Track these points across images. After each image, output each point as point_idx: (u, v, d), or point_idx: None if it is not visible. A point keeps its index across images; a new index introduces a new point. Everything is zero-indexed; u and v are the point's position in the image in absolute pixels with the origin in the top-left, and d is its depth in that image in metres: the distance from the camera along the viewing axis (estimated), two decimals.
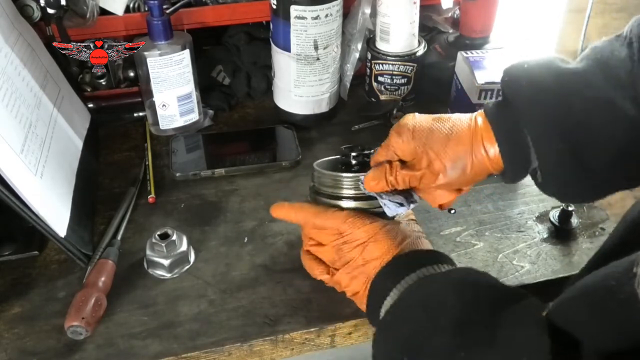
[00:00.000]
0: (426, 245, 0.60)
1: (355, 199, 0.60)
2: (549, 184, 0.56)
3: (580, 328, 0.42)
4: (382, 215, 0.60)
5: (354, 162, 0.63)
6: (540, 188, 0.58)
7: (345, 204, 0.61)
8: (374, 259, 0.57)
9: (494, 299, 0.49)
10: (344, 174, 0.61)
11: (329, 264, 0.61)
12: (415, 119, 0.60)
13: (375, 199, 0.60)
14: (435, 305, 0.49)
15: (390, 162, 0.59)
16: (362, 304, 0.59)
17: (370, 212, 0.60)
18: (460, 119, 0.58)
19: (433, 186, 0.59)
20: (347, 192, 0.61)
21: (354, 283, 0.59)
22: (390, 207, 0.59)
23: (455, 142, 0.57)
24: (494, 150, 0.56)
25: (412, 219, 0.63)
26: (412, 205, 0.60)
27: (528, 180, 0.81)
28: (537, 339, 0.43)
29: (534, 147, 0.55)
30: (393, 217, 0.61)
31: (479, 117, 0.58)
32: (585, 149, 0.53)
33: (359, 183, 0.60)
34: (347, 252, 0.59)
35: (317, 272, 0.62)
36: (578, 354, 0.42)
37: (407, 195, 0.60)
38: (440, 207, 0.62)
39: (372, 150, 0.63)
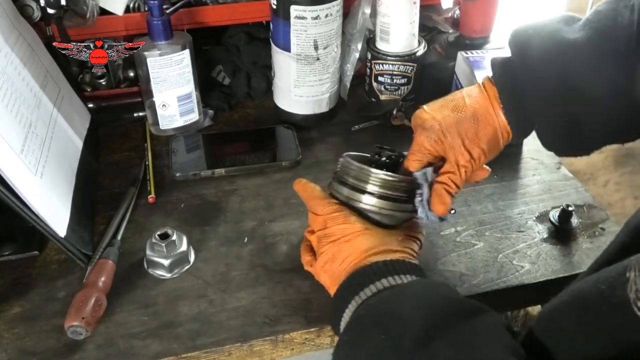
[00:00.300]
0: (401, 258, 0.58)
1: (378, 196, 0.60)
2: (548, 145, 0.63)
3: (567, 335, 0.42)
4: (385, 220, 0.60)
5: (383, 161, 0.64)
6: (540, 142, 0.64)
7: (366, 198, 0.60)
8: (341, 258, 0.57)
9: (455, 313, 0.48)
10: (375, 170, 0.60)
11: (316, 253, 0.62)
12: (432, 114, 0.62)
13: (396, 201, 0.60)
14: (393, 324, 0.48)
15: (442, 182, 0.60)
16: None
17: (383, 211, 0.60)
18: (473, 97, 0.63)
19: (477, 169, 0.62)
20: (371, 187, 0.60)
21: (323, 277, 0.60)
22: (428, 217, 0.60)
23: (484, 125, 0.61)
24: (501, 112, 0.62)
25: (414, 237, 0.61)
26: (452, 212, 0.62)
27: (528, 180, 0.82)
28: (502, 357, 0.43)
29: (534, 113, 0.61)
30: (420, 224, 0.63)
31: (487, 84, 0.63)
32: (582, 121, 0.59)
33: (386, 182, 0.60)
34: (323, 244, 0.59)
35: (304, 261, 0.64)
36: None
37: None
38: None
39: (401, 153, 0.64)
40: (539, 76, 0.59)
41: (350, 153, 0.65)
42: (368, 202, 0.60)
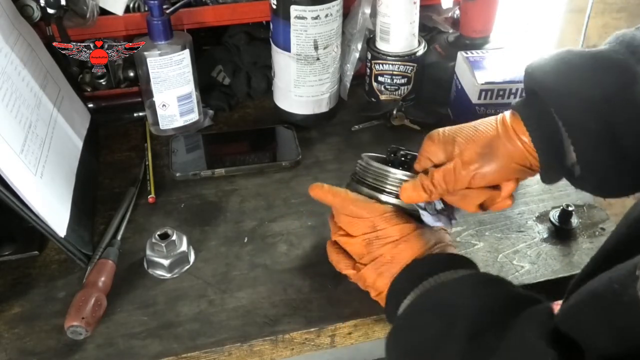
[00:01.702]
0: (452, 252, 0.60)
1: (397, 196, 0.60)
2: (587, 174, 0.54)
3: (588, 333, 0.42)
4: (418, 218, 0.60)
5: (399, 162, 0.64)
6: (578, 184, 0.56)
7: (385, 198, 0.60)
8: (403, 259, 0.57)
9: (507, 306, 0.49)
10: (393, 169, 0.61)
11: (356, 258, 0.60)
12: (443, 129, 0.61)
13: None
14: (449, 311, 0.50)
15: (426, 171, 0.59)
16: (384, 305, 0.59)
17: (408, 212, 0.60)
18: (485, 120, 0.59)
19: (471, 179, 0.57)
20: (390, 187, 0.60)
21: (379, 280, 0.58)
22: (428, 219, 0.60)
23: (484, 129, 0.57)
24: (527, 138, 0.55)
25: (444, 229, 0.62)
26: (453, 222, 0.61)
27: (528, 180, 0.81)
28: (537, 349, 0.43)
29: (567, 132, 0.53)
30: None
31: (505, 112, 0.58)
32: (621, 126, 0.51)
33: (397, 180, 0.60)
34: (377, 247, 0.58)
35: (343, 266, 0.62)
36: None
37: (448, 212, 0.61)
38: (481, 207, 0.60)
39: (414, 154, 0.64)
40: (570, 88, 0.53)
41: (368, 154, 0.65)
42: (388, 201, 0.60)
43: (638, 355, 0.37)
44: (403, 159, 0.64)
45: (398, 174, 0.60)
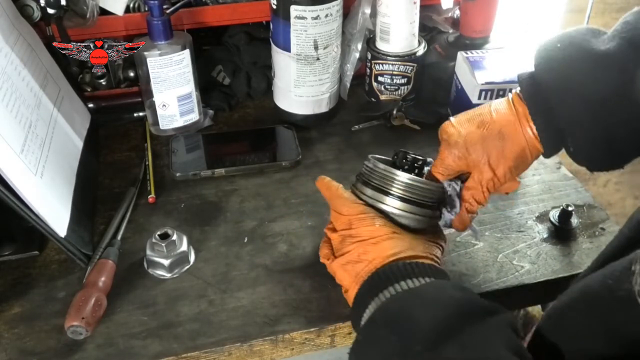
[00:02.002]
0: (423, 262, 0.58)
1: (401, 199, 0.60)
2: (580, 158, 0.60)
3: (577, 332, 0.42)
4: (409, 223, 0.60)
5: (406, 166, 0.64)
6: (570, 157, 0.61)
7: (390, 201, 0.60)
8: (367, 259, 0.57)
9: (466, 315, 0.48)
10: (400, 172, 0.61)
11: (335, 251, 0.61)
12: (459, 129, 0.62)
13: (419, 206, 0.60)
14: (405, 326, 0.48)
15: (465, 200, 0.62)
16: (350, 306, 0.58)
17: (406, 214, 0.60)
18: (501, 113, 0.61)
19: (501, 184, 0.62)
20: (395, 190, 0.60)
21: (345, 277, 0.58)
22: (446, 225, 0.63)
23: (511, 143, 0.60)
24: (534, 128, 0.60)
25: (437, 244, 0.61)
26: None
27: (528, 180, 0.82)
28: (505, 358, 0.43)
29: (567, 130, 0.58)
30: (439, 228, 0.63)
31: (516, 99, 0.61)
32: (619, 132, 0.56)
33: (411, 185, 0.60)
34: (348, 244, 0.59)
35: (321, 254, 0.63)
36: None
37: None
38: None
39: (425, 159, 0.64)
40: (571, 88, 0.57)
41: (376, 156, 0.65)
42: (392, 204, 0.60)
43: (631, 354, 0.37)
44: (412, 163, 0.64)
45: (405, 177, 0.60)
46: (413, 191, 0.60)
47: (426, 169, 0.65)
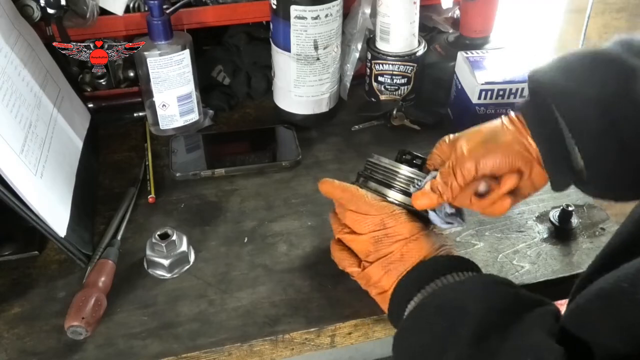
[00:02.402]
0: (456, 254, 0.60)
1: (405, 192, 0.61)
2: (594, 173, 0.55)
3: (596, 332, 0.42)
4: (425, 218, 0.61)
5: (411, 163, 0.64)
6: (588, 189, 0.58)
7: (393, 194, 0.61)
8: (412, 257, 0.57)
9: (511, 308, 0.49)
10: (403, 166, 0.61)
11: (361, 256, 0.60)
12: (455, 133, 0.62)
13: None
14: (454, 313, 0.50)
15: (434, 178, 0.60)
16: (384, 304, 0.59)
17: (415, 212, 0.61)
18: (495, 123, 0.60)
19: (477, 166, 0.57)
20: (398, 184, 0.61)
21: (386, 278, 0.58)
22: (437, 220, 0.60)
23: (489, 124, 0.60)
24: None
25: (443, 234, 0.63)
26: (463, 224, 0.63)
27: None
28: (544, 345, 0.44)
29: (569, 129, 0.54)
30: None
31: (511, 112, 0.60)
32: (621, 121, 0.52)
33: (414, 179, 0.61)
34: (387, 245, 0.58)
35: (347, 264, 0.61)
36: None
37: (457, 215, 0.62)
38: (478, 195, 0.60)
39: (425, 158, 0.65)
40: (563, 82, 0.55)
41: (378, 155, 0.65)
42: (396, 197, 0.61)
43: None
44: (413, 161, 0.65)
45: (407, 171, 0.61)
46: (412, 183, 0.61)
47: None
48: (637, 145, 0.52)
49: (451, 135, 0.62)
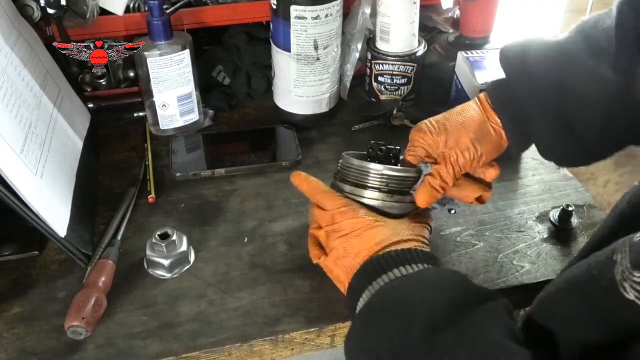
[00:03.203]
0: (417, 248, 0.58)
1: (380, 190, 0.61)
2: (547, 153, 0.65)
3: (566, 319, 0.43)
4: (393, 211, 0.61)
5: (382, 157, 0.64)
6: (543, 156, 0.65)
7: (369, 193, 0.61)
8: (352, 252, 0.58)
9: (463, 301, 0.48)
10: (374, 165, 0.61)
11: (325, 248, 0.62)
12: (428, 119, 0.65)
13: (400, 193, 0.61)
14: (402, 311, 0.49)
15: (429, 174, 0.62)
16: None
17: (388, 204, 0.61)
18: (465, 104, 0.65)
19: (472, 162, 0.62)
20: (373, 182, 0.61)
21: (337, 271, 0.59)
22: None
23: (469, 114, 0.64)
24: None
25: (424, 224, 0.62)
26: (453, 211, 0.66)
27: (528, 180, 0.82)
28: (505, 349, 0.43)
29: (526, 111, 0.61)
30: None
31: (481, 94, 0.65)
32: (577, 118, 0.60)
33: (387, 175, 0.61)
34: (333, 239, 0.59)
35: (313, 255, 0.63)
36: (554, 352, 0.42)
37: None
38: (478, 200, 0.66)
39: (398, 147, 0.64)
40: (533, 75, 0.61)
41: (349, 152, 0.65)
42: (371, 196, 0.61)
43: (620, 340, 0.38)
44: (387, 153, 0.64)
45: (379, 168, 0.61)
46: (390, 180, 0.61)
47: (402, 157, 0.65)
48: (586, 132, 0.60)
49: (429, 123, 0.64)
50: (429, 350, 0.45)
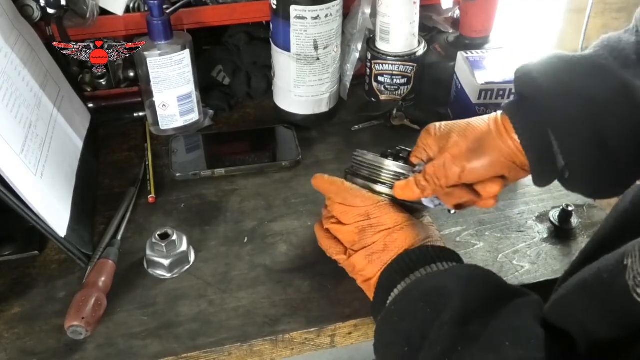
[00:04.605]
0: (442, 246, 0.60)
1: (391, 186, 0.61)
2: (577, 179, 0.55)
3: (578, 321, 0.43)
4: (410, 209, 0.62)
5: (396, 156, 0.65)
6: (567, 186, 0.58)
7: (379, 188, 0.62)
8: (395, 247, 0.58)
9: (496, 296, 0.50)
10: (387, 161, 0.62)
11: (347, 245, 0.62)
12: (439, 122, 0.62)
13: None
14: (438, 300, 0.51)
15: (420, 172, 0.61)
16: (369, 292, 0.60)
17: (401, 204, 0.61)
18: (481, 116, 0.60)
19: (461, 174, 0.57)
20: (384, 178, 0.62)
21: (369, 268, 0.59)
22: (427, 203, 0.62)
23: (476, 124, 0.58)
24: (516, 137, 0.55)
25: (432, 225, 0.64)
26: (452, 212, 0.64)
27: (528, 180, 0.81)
28: (524, 328, 0.45)
29: (557, 141, 0.54)
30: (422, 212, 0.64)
31: (498, 112, 0.58)
32: (611, 135, 0.52)
33: (399, 173, 0.61)
34: (370, 235, 0.59)
35: (334, 252, 0.63)
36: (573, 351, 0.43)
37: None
38: (459, 206, 0.62)
39: (410, 150, 0.65)
40: (553, 92, 0.54)
41: (361, 151, 0.66)
42: (383, 191, 0.62)
43: (633, 337, 0.38)
44: (399, 155, 0.65)
45: (392, 165, 0.62)
46: (387, 174, 0.62)
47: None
48: (620, 151, 0.53)
49: (437, 126, 0.61)
50: (458, 336, 0.47)
